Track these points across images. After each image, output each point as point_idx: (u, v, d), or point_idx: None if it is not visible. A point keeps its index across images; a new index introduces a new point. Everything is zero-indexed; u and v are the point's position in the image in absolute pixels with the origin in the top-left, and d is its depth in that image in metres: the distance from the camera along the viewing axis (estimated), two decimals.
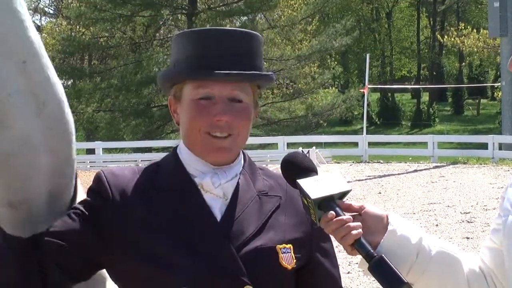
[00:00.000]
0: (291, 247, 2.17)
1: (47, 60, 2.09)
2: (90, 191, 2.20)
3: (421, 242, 2.13)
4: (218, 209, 2.16)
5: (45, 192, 2.15)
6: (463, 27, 39.98)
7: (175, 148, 2.28)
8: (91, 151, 30.38)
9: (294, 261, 2.16)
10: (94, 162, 27.76)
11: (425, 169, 23.48)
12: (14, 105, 2.00)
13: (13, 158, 2.05)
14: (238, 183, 2.21)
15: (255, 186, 2.24)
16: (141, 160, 26.06)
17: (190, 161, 2.21)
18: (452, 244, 2.26)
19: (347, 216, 2.04)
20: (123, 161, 27.62)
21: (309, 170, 2.13)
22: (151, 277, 2.06)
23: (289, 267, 2.15)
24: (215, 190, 2.18)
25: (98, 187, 2.17)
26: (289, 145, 28.18)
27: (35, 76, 2.04)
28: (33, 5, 43.06)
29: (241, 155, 2.28)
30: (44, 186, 2.14)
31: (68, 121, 2.17)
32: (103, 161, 27.58)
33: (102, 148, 29.57)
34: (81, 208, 2.15)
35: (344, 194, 2.10)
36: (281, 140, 28.87)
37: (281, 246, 2.15)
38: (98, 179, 2.19)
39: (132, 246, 2.09)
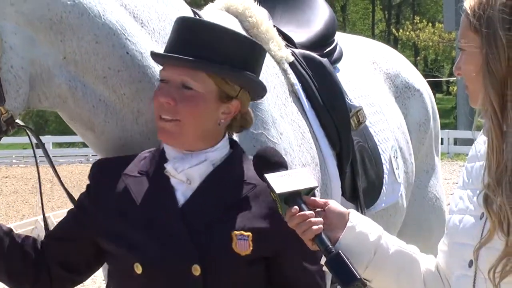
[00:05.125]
0: (251, 235, 2.22)
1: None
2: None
3: (379, 240, 2.18)
4: (181, 193, 2.28)
5: None
6: (418, 21, 40.04)
7: None
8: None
9: (250, 248, 2.22)
10: (43, 156, 27.10)
11: None
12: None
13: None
14: (214, 170, 2.30)
15: (234, 173, 2.31)
16: (91, 155, 25.46)
17: (166, 147, 2.34)
18: (411, 245, 2.28)
19: (309, 211, 2.08)
20: (73, 156, 27.11)
21: (279, 165, 2.18)
22: (115, 255, 2.29)
23: (242, 253, 2.21)
24: (178, 175, 2.28)
25: (89, 178, 2.41)
26: None
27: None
28: None
29: (225, 144, 2.36)
30: None
31: None
32: (53, 156, 26.70)
33: (52, 143, 28.84)
34: (75, 206, 2.43)
35: (310, 190, 2.15)
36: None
37: (237, 232, 2.22)
38: (90, 170, 2.41)
39: (102, 229, 2.30)
